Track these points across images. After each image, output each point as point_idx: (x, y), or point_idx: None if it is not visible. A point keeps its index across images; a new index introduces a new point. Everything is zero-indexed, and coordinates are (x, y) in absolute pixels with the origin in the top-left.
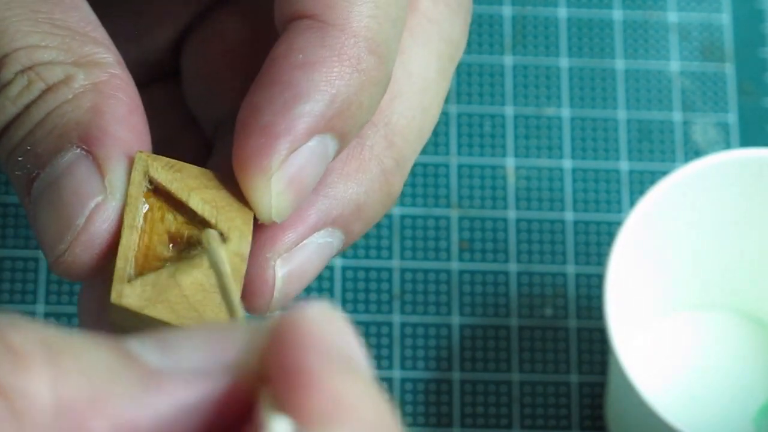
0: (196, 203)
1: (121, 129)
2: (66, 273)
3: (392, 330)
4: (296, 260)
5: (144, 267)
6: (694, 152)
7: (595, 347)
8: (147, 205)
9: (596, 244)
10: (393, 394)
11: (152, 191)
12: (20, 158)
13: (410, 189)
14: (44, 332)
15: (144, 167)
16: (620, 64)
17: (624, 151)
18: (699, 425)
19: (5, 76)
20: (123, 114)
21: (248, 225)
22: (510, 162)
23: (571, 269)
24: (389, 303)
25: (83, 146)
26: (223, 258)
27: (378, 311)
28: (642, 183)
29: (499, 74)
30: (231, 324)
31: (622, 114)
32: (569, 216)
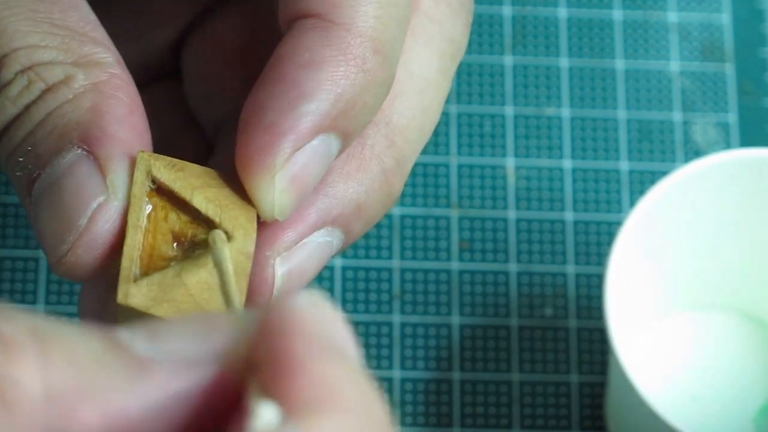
0: (200, 202)
1: (122, 129)
2: (68, 274)
3: (392, 330)
4: (296, 259)
5: (149, 267)
6: (694, 152)
7: (595, 347)
8: (150, 205)
9: (596, 244)
10: (393, 394)
11: (155, 191)
12: (21, 159)
13: (410, 189)
14: (34, 322)
15: (146, 167)
16: (620, 64)
17: (624, 151)
18: (699, 425)
19: (5, 77)
20: (123, 114)
21: (252, 223)
22: (510, 162)
23: (571, 269)
24: (389, 303)
25: (84, 146)
26: (228, 257)
27: (378, 311)
28: (642, 183)
29: (499, 74)
30: (220, 314)
31: (622, 114)
32: (569, 216)
